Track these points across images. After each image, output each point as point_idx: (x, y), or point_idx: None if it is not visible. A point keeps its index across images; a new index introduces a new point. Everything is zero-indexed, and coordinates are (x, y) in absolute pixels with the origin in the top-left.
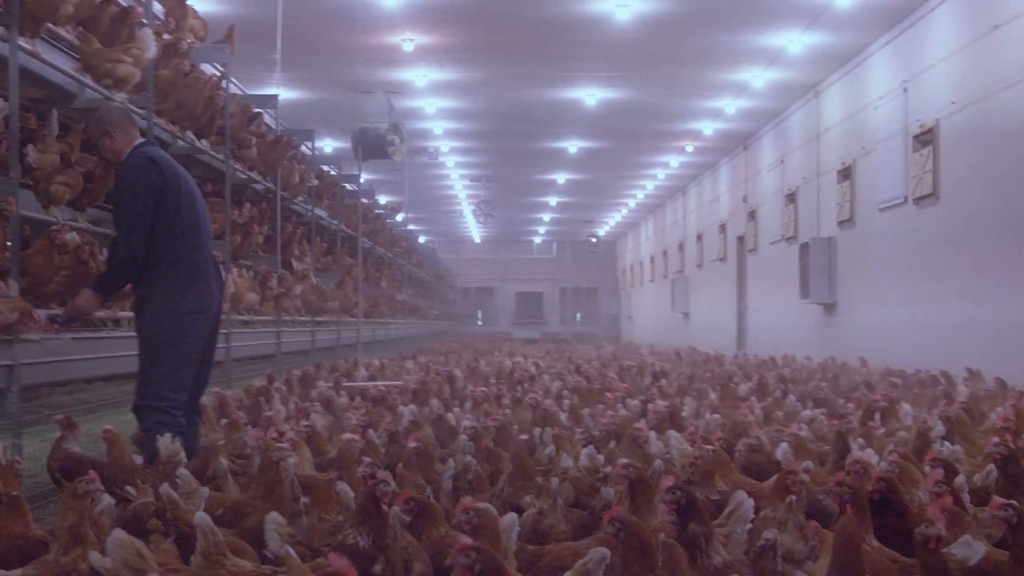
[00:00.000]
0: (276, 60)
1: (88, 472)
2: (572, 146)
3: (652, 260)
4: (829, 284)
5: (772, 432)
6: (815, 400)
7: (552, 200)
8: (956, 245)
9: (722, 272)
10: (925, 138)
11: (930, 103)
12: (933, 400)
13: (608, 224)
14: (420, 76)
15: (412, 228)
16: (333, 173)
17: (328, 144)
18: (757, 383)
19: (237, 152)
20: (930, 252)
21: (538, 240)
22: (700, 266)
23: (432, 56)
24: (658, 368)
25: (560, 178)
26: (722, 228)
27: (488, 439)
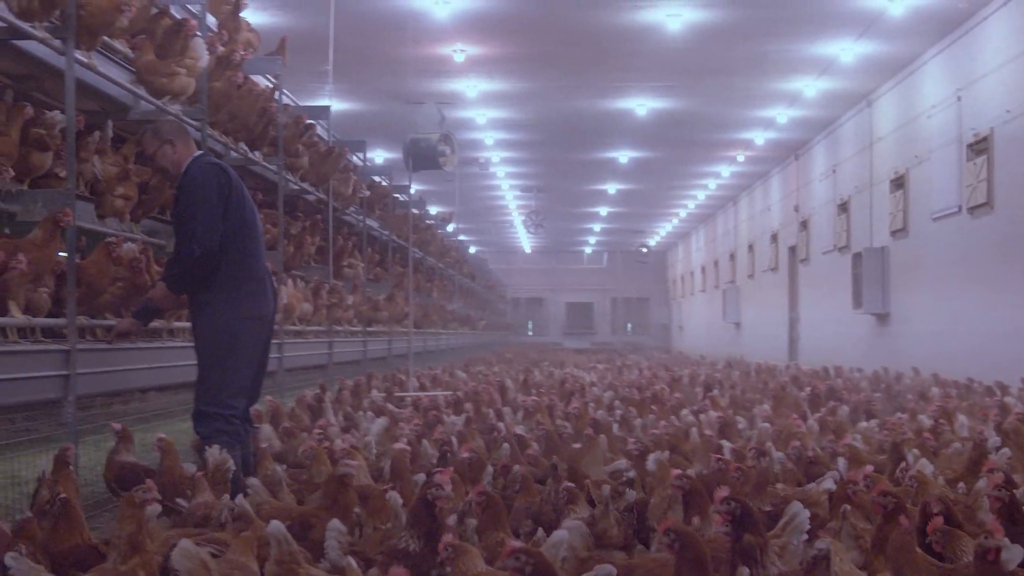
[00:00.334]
0: (328, 71)
1: (146, 481)
2: (623, 156)
3: (703, 270)
4: (882, 294)
5: (826, 443)
6: (868, 411)
7: (603, 210)
8: (1010, 254)
9: (773, 282)
10: (979, 147)
11: (984, 111)
12: (986, 410)
13: (659, 234)
14: (471, 87)
15: (463, 238)
16: (384, 184)
17: (379, 155)
18: (810, 394)
19: (289, 163)
20: (984, 261)
21: (589, 250)
22: (751, 276)
23: (483, 67)
24: (710, 378)
25: (611, 188)
26: (773, 238)
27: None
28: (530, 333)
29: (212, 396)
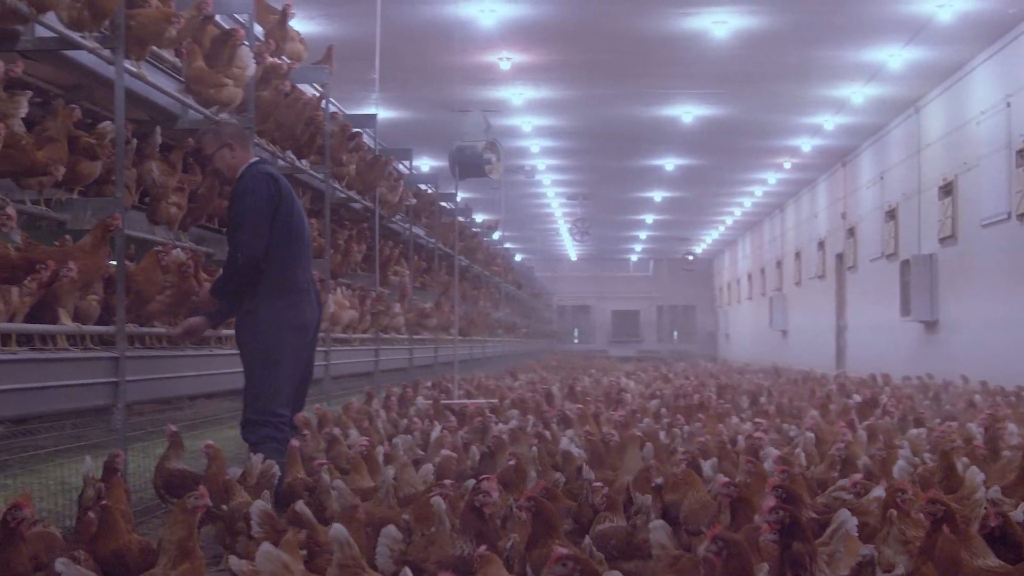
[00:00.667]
0: (374, 80)
1: (198, 488)
2: (669, 163)
3: (750, 278)
4: (930, 301)
5: (875, 451)
6: (916, 419)
7: (649, 218)
8: None
9: (821, 289)
10: None
11: None
12: None
13: (705, 242)
14: (517, 95)
15: (509, 246)
16: (430, 192)
17: (425, 163)
18: (859, 402)
19: (335, 171)
20: None
21: (634, 258)
22: (798, 284)
23: (529, 74)
24: (756, 387)
25: (657, 196)
26: (820, 245)
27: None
28: (576, 341)
29: (260, 405)
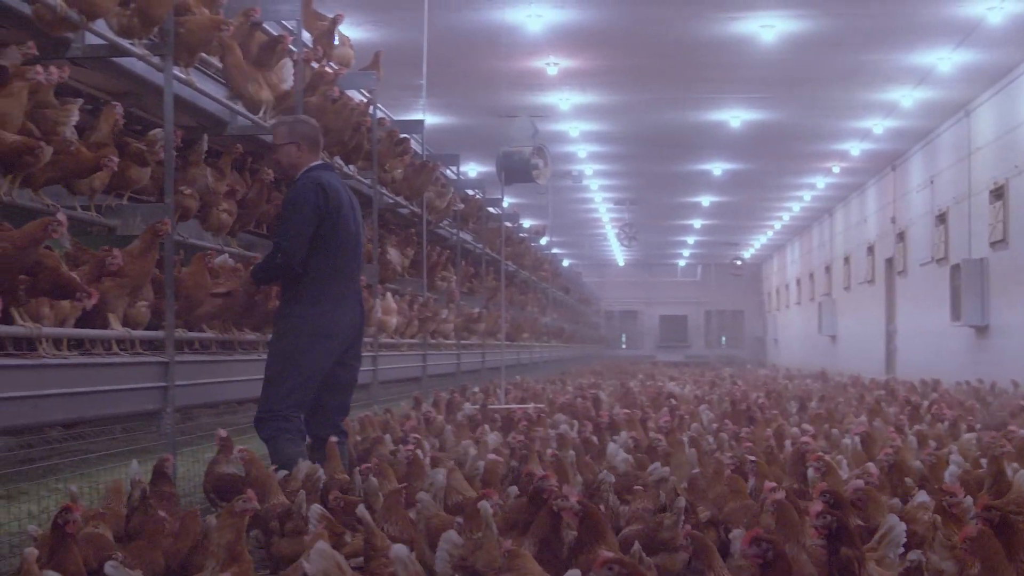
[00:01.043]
0: (422, 86)
1: (246, 491)
2: (717, 168)
3: (798, 282)
4: (981, 306)
5: (924, 457)
6: (967, 425)
7: (696, 223)
8: None
9: (870, 294)
10: None
11: None
12: None
13: (753, 246)
14: (564, 100)
15: (556, 252)
16: (478, 197)
17: (472, 168)
18: (909, 407)
19: (383, 177)
20: None
21: (682, 263)
22: (847, 288)
23: (576, 80)
24: (804, 392)
25: (705, 200)
26: (870, 250)
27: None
28: (623, 346)
29: (271, 404)
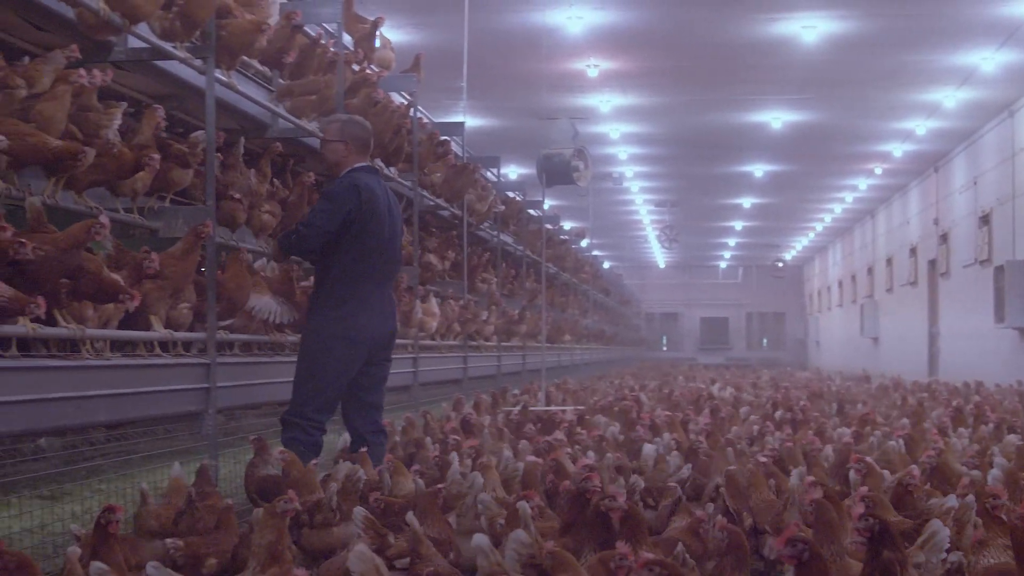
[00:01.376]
0: (462, 88)
1: (287, 492)
2: (758, 170)
3: (840, 284)
4: None
5: (968, 459)
6: (1011, 427)
7: (737, 224)
8: None
9: (913, 296)
10: None
11: None
12: None
13: (795, 248)
14: (604, 102)
15: (597, 254)
16: (518, 199)
17: (513, 171)
18: (952, 410)
19: (423, 179)
20: None
21: (723, 265)
22: (890, 290)
23: (616, 82)
24: (845, 394)
25: (746, 202)
26: (912, 252)
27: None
28: (664, 348)
29: (296, 407)
